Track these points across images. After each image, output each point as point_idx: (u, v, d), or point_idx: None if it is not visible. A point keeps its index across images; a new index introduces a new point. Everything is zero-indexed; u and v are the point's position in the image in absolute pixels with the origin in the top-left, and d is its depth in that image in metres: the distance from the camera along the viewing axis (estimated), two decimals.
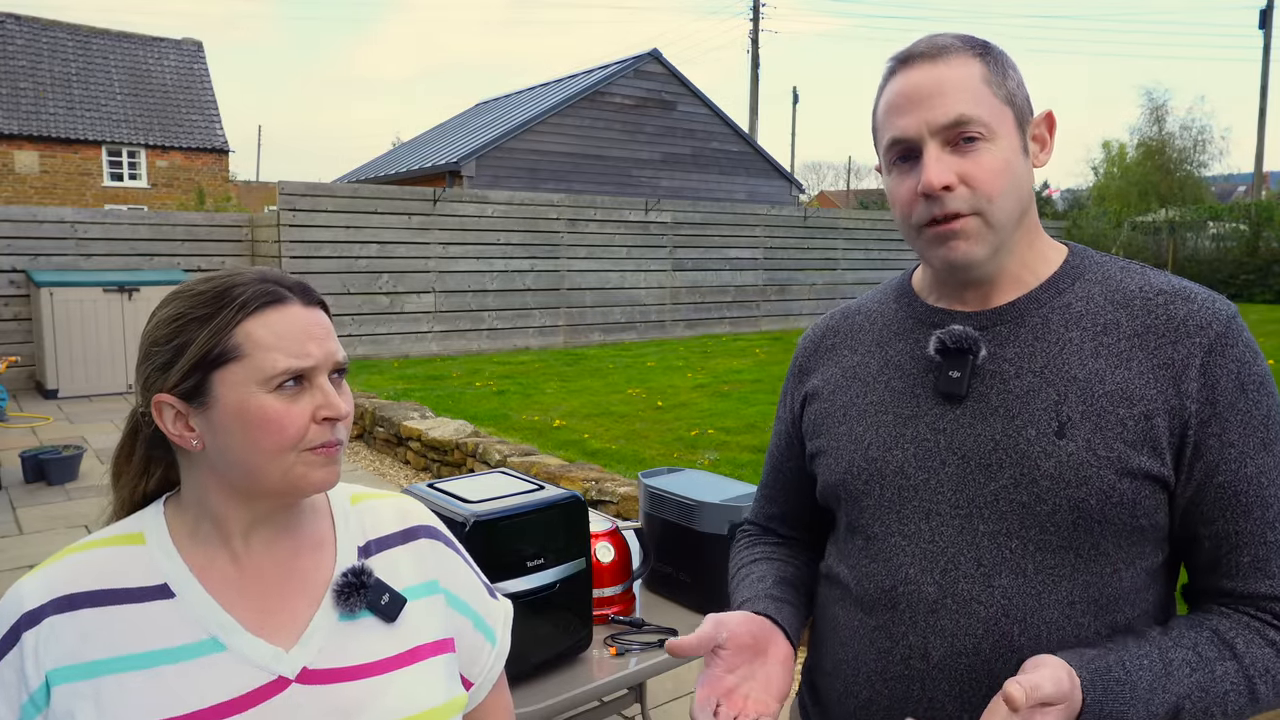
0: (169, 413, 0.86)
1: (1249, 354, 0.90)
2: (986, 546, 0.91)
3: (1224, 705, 0.85)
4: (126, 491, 0.95)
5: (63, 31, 27.11)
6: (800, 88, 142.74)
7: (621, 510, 4.27)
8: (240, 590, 0.89)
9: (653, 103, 18.37)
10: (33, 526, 4.85)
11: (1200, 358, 0.88)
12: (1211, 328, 0.89)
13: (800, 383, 1.16)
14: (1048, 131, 0.98)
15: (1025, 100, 0.95)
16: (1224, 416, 0.88)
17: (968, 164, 0.90)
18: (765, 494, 1.24)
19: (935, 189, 0.90)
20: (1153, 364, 0.89)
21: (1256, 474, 0.88)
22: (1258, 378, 0.89)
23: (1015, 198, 0.93)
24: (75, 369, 8.82)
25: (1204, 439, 0.88)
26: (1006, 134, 0.92)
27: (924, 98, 0.91)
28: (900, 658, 0.95)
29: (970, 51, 0.93)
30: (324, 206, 10.36)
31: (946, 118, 0.90)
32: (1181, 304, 0.92)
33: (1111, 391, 0.89)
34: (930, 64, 0.92)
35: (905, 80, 0.93)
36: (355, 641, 0.90)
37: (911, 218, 0.95)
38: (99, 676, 0.81)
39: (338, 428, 0.88)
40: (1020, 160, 0.93)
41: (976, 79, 0.91)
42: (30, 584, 0.85)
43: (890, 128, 0.94)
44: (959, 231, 0.92)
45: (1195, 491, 0.89)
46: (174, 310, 0.87)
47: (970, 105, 0.90)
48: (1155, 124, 28.64)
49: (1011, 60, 0.96)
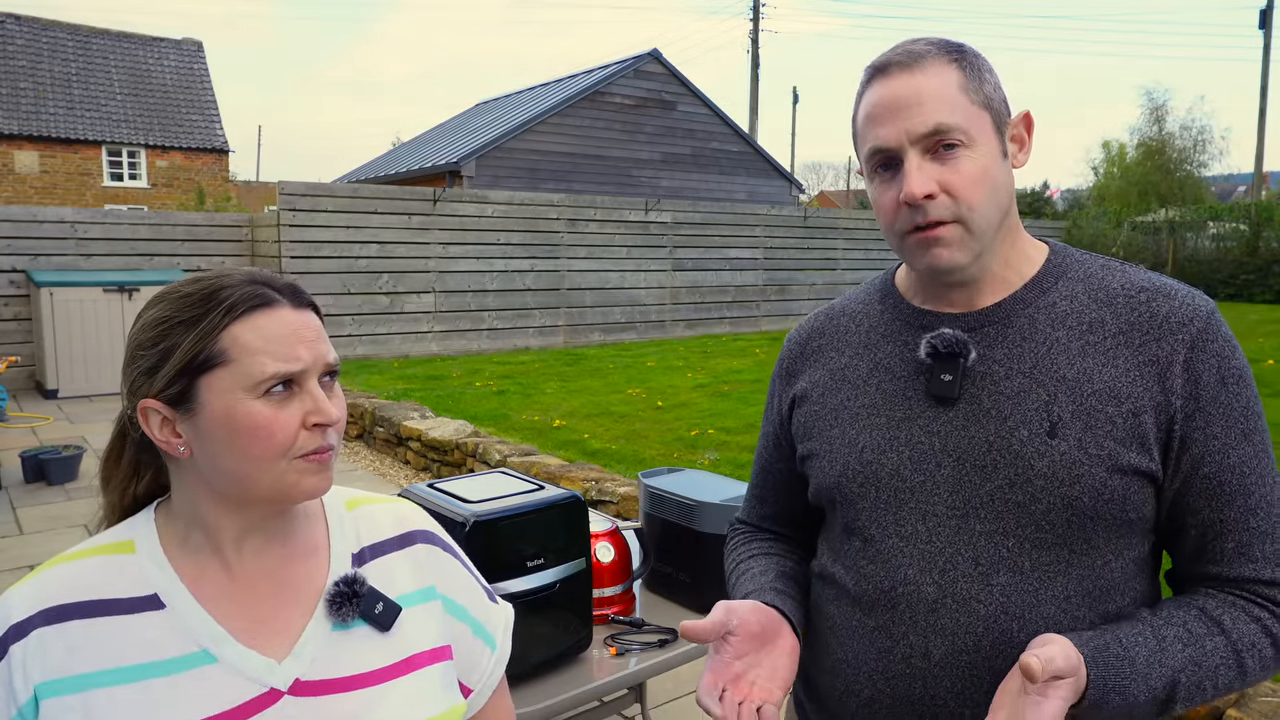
0: (155, 419, 0.84)
1: (1229, 348, 0.92)
2: (984, 546, 0.93)
3: (1215, 679, 0.88)
4: (116, 495, 0.93)
5: (63, 31, 27.12)
6: (800, 88, 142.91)
7: (621, 510, 4.27)
8: (232, 600, 0.86)
9: (653, 103, 18.37)
10: (33, 526, 4.85)
11: (1184, 354, 0.91)
12: (1193, 324, 0.92)
13: (788, 385, 1.16)
14: (1026, 131, 0.99)
15: (1003, 102, 0.96)
16: (1207, 410, 0.90)
17: (948, 172, 0.92)
18: (756, 494, 1.25)
19: (917, 199, 0.91)
20: (1138, 361, 0.92)
21: (1239, 464, 0.90)
22: (1237, 371, 0.92)
23: (995, 202, 0.94)
24: (75, 369, 8.82)
25: (1189, 433, 0.90)
26: (985, 139, 0.93)
27: (902, 107, 0.92)
28: (901, 657, 0.96)
29: (946, 57, 0.93)
30: (324, 206, 10.36)
31: (925, 127, 0.91)
32: (1163, 301, 0.94)
33: (1100, 390, 0.91)
34: (907, 73, 0.93)
35: (883, 89, 0.94)
36: (349, 652, 0.88)
37: (895, 225, 0.96)
38: (88, 690, 0.79)
39: (329, 433, 0.86)
40: (999, 164, 0.94)
41: (953, 86, 0.92)
42: (18, 595, 0.82)
43: (870, 137, 0.95)
44: (941, 238, 0.93)
45: (1182, 484, 0.92)
46: (160, 313, 0.85)
47: (948, 114, 0.91)
48: (1155, 124, 28.67)
49: (988, 63, 0.97)
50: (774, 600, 1.03)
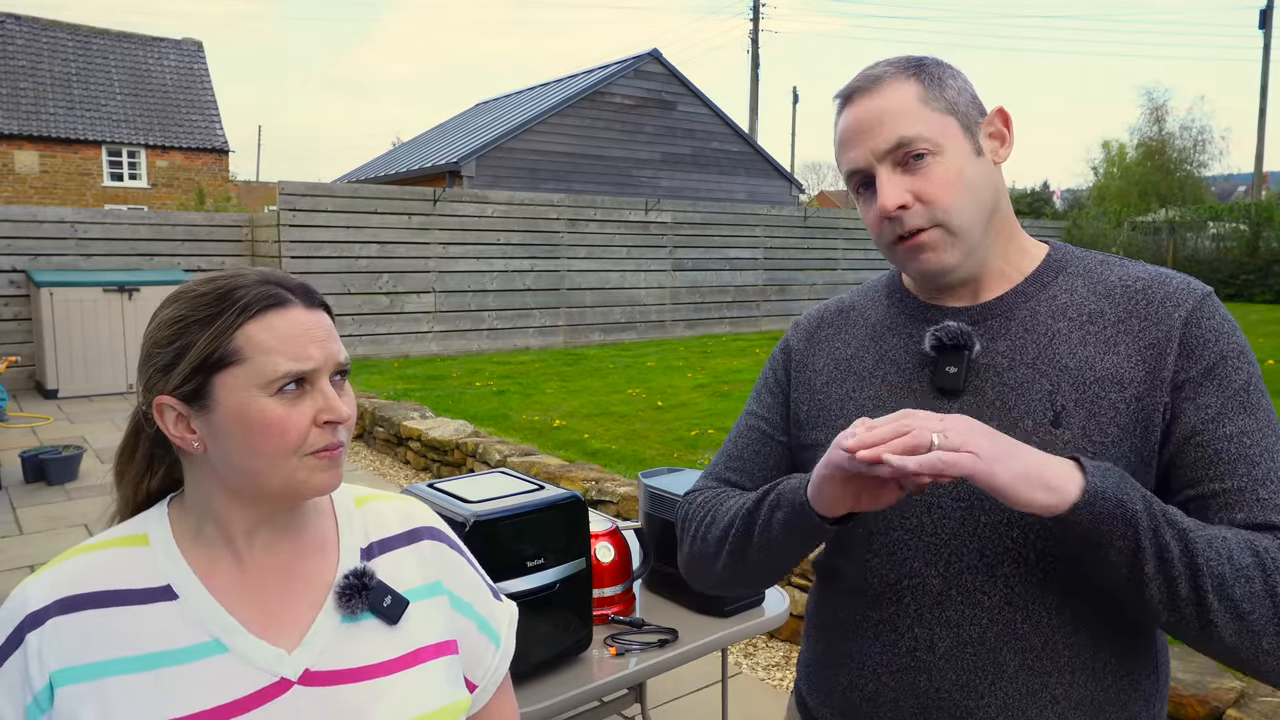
0: (170, 415, 0.86)
1: (1226, 325, 0.92)
2: (989, 536, 0.93)
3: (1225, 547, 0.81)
4: (130, 490, 0.95)
5: (63, 31, 27.12)
6: (800, 88, 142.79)
7: (621, 510, 4.27)
8: (243, 592, 0.89)
9: (653, 103, 18.37)
10: (33, 527, 4.85)
11: (1180, 330, 0.92)
12: (1188, 302, 0.93)
13: (791, 370, 1.15)
14: (1004, 126, 1.00)
15: (970, 103, 0.98)
16: (1199, 382, 0.90)
17: (919, 181, 0.95)
18: (737, 465, 1.16)
19: (891, 211, 0.95)
20: (1139, 346, 0.92)
21: (1238, 434, 0.88)
22: (1236, 347, 0.91)
23: (975, 200, 0.96)
24: (75, 369, 8.82)
25: (1179, 403, 0.90)
26: (953, 143, 0.95)
27: (866, 129, 0.96)
28: (906, 649, 0.97)
29: (904, 75, 0.97)
30: (324, 206, 10.36)
31: (888, 143, 0.95)
32: (1159, 287, 0.96)
33: (1102, 377, 0.92)
34: (868, 96, 0.97)
35: (849, 116, 0.99)
36: (357, 643, 0.90)
37: (881, 237, 1.00)
38: (102, 678, 0.81)
39: (339, 430, 0.88)
40: (974, 163, 0.96)
41: (912, 99, 0.95)
42: (35, 585, 0.85)
43: (845, 161, 1.00)
44: (924, 244, 0.96)
45: (1174, 455, 0.90)
46: (175, 312, 0.87)
47: (908, 126, 0.94)
48: (1155, 124, 28.69)
49: (951, 69, 1.00)
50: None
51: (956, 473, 0.79)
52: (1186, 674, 2.30)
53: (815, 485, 0.92)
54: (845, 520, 0.95)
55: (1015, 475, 0.79)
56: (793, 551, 1.00)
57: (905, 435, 0.81)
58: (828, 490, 0.90)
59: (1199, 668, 2.33)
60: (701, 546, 1.10)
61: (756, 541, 1.02)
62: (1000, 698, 0.93)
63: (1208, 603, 0.80)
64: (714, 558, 1.08)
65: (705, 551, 1.10)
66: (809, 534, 0.97)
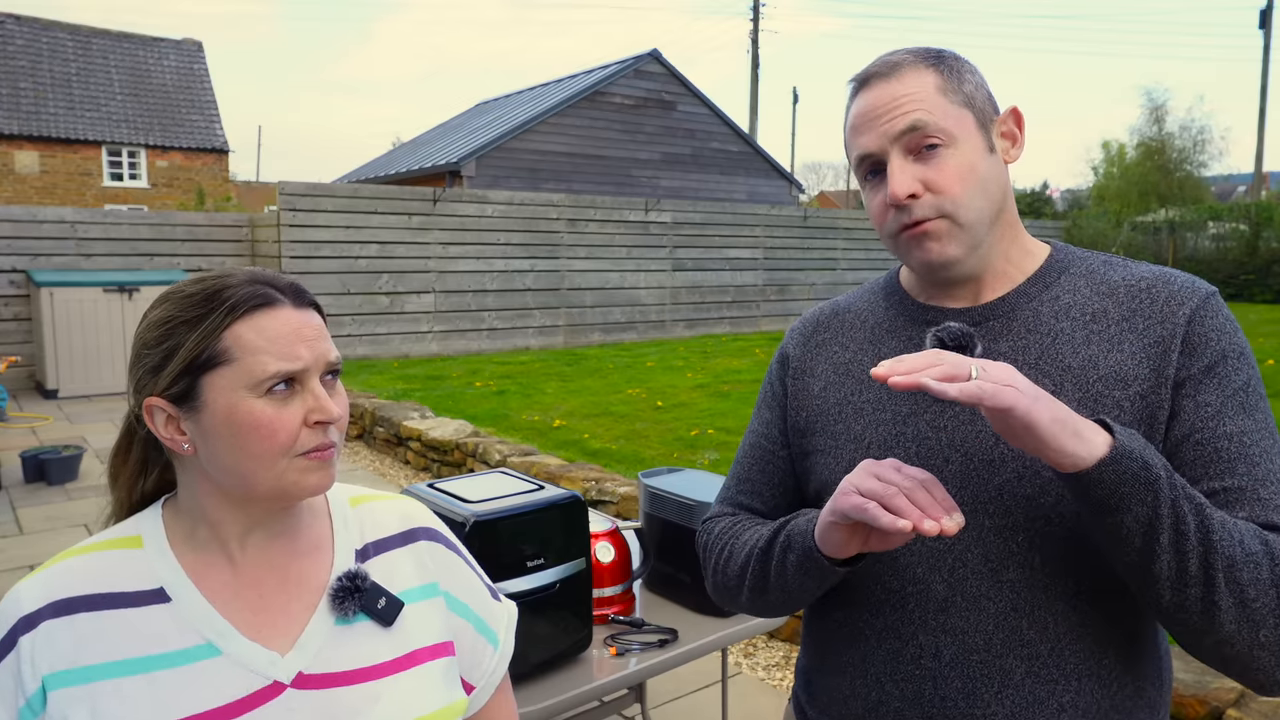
0: (160, 416, 0.86)
1: (1229, 325, 0.92)
2: (993, 542, 0.92)
3: (1238, 531, 0.80)
4: (124, 492, 0.94)
5: (63, 31, 27.11)
6: (800, 88, 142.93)
7: (621, 510, 4.27)
8: (236, 594, 0.88)
9: (653, 103, 18.36)
10: (33, 527, 4.85)
11: (1183, 328, 0.91)
12: (1192, 300, 0.92)
13: (789, 378, 1.14)
14: (1016, 126, 1.00)
15: (986, 100, 0.97)
16: (1199, 380, 0.89)
17: (930, 171, 0.93)
18: (746, 487, 1.17)
19: (900, 199, 0.93)
20: (1143, 344, 0.92)
21: (1238, 433, 0.87)
22: (1237, 348, 0.91)
23: (984, 196, 0.95)
24: (75, 369, 8.82)
25: (1179, 400, 0.89)
26: (968, 136, 0.94)
27: (882, 113, 0.95)
28: (911, 657, 0.95)
29: (924, 64, 0.96)
30: (324, 206, 10.36)
31: (902, 125, 0.93)
32: (1163, 286, 0.95)
33: (1106, 376, 0.91)
34: (885, 81, 0.96)
35: (864, 100, 0.97)
36: (351, 646, 0.90)
37: (885, 227, 0.98)
38: (94, 681, 0.81)
39: (331, 431, 0.87)
40: (986, 160, 0.95)
41: (930, 88, 0.94)
42: (27, 588, 0.84)
43: (856, 146, 0.98)
44: (929, 233, 0.95)
45: (1172, 453, 0.89)
46: (164, 313, 0.86)
47: (925, 113, 0.93)
48: (1155, 124, 28.69)
49: (970, 64, 0.99)
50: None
51: (997, 403, 0.74)
52: (1187, 674, 2.30)
53: (821, 530, 0.91)
54: (856, 561, 0.95)
55: (1052, 417, 0.76)
56: (809, 590, 0.99)
57: (941, 365, 0.77)
58: (834, 535, 0.90)
59: (1199, 668, 2.33)
60: (724, 579, 1.11)
61: (774, 582, 1.02)
62: (1007, 706, 0.91)
63: (1215, 582, 0.78)
64: (737, 590, 1.08)
65: (728, 584, 1.10)
66: (821, 576, 0.96)
